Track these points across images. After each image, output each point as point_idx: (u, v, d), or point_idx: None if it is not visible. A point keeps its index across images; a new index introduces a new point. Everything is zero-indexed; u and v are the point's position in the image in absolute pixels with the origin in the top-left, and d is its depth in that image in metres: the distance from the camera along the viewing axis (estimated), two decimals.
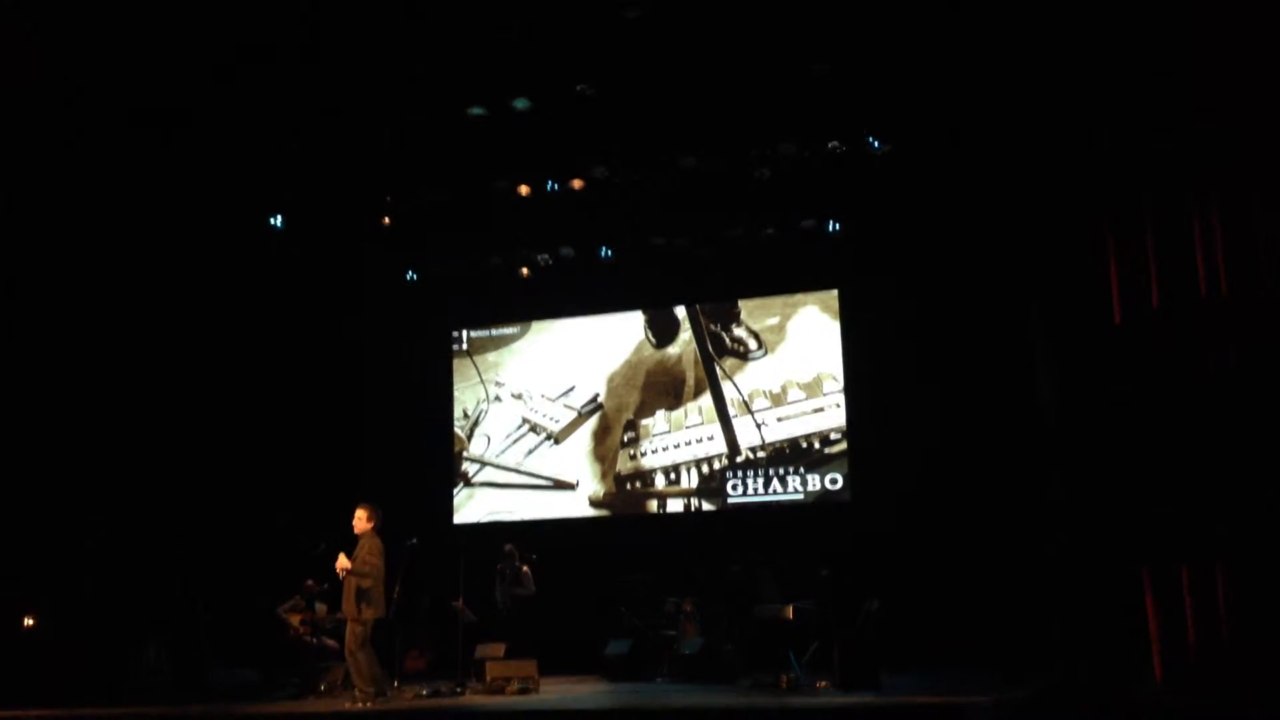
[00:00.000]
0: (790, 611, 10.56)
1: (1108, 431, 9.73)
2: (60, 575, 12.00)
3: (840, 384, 13.16)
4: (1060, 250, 10.32)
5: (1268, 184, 9.13)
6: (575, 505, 13.95)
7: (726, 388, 13.63)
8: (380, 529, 10.03)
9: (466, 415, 14.56)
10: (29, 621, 11.79)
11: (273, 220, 12.91)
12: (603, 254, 13.41)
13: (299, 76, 10.69)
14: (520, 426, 14.34)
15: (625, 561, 12.69)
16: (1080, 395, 10.01)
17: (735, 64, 10.59)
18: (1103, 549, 9.61)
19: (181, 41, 10.16)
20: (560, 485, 14.04)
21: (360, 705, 9.65)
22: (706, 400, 13.69)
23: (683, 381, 13.84)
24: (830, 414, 13.14)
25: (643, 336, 14.12)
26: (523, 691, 10.38)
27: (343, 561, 9.81)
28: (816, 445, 13.13)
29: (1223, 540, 9.04)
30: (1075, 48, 9.74)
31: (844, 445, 13.03)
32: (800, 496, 13.11)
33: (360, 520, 9.99)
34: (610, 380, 14.12)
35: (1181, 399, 9.35)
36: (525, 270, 13.75)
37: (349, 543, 10.01)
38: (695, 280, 13.72)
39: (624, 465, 13.85)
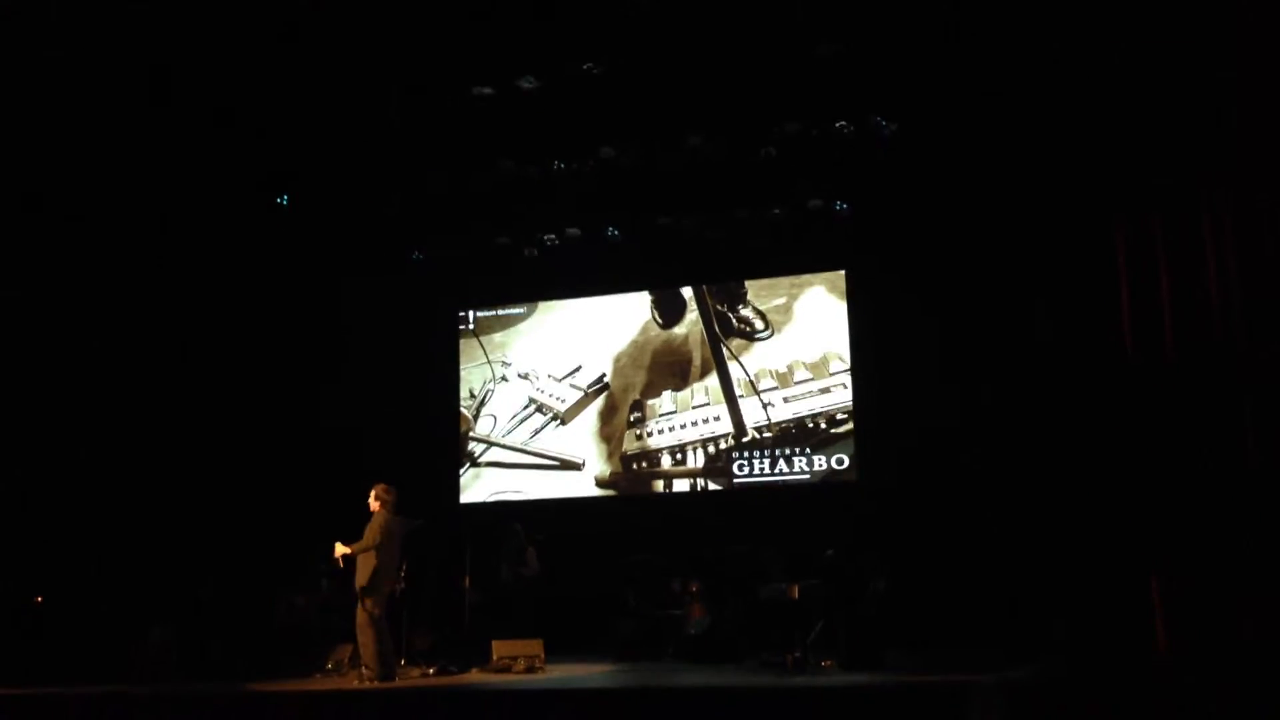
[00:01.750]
0: (796, 591, 10.57)
1: (1113, 414, 9.73)
2: (68, 555, 12.05)
3: (847, 364, 13.14)
4: (1068, 234, 10.30)
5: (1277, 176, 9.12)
6: (581, 485, 13.96)
7: (733, 368, 13.62)
8: (395, 507, 10.11)
9: (473, 395, 14.56)
10: (38, 600, 11.83)
11: (279, 199, 12.90)
12: (609, 234, 13.39)
13: (306, 54, 10.65)
14: (526, 406, 14.35)
15: (631, 541, 12.70)
16: (1086, 377, 10.00)
17: (742, 43, 10.53)
18: (1107, 529, 9.62)
19: (188, 18, 10.13)
20: (566, 465, 14.05)
21: (365, 684, 9.69)
22: (713, 380, 13.68)
23: (689, 362, 13.82)
24: (837, 394, 13.13)
25: (649, 317, 14.10)
26: (529, 671, 10.41)
27: (340, 549, 9.92)
28: (823, 425, 13.12)
29: (1227, 523, 9.05)
30: (1088, 30, 9.70)
31: (850, 426, 13.02)
32: (806, 477, 13.11)
33: (372, 499, 10.11)
34: (617, 360, 14.11)
35: (1186, 382, 9.35)
36: (532, 250, 13.72)
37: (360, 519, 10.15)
38: (702, 261, 13.68)
39: (630, 445, 13.85)
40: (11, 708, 9.40)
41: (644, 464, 13.78)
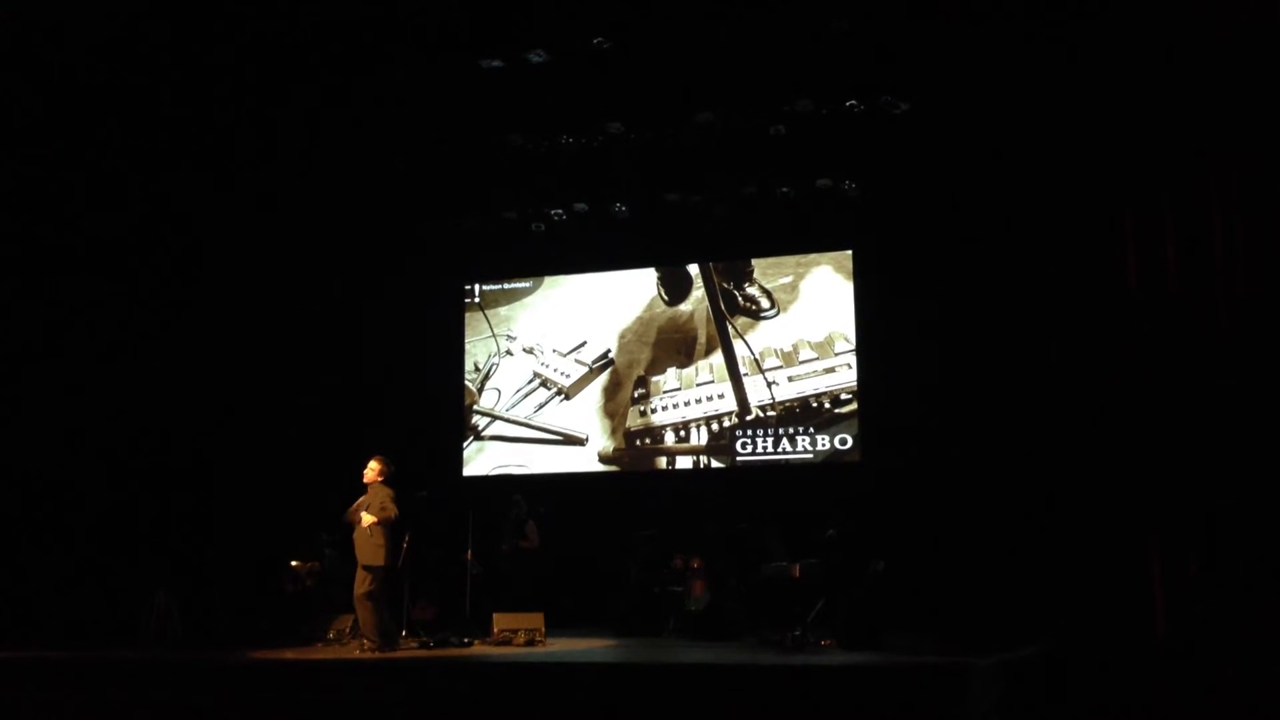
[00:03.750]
0: (797, 570, 10.60)
1: (1117, 396, 9.73)
2: (74, 520, 12.10)
3: (852, 344, 13.13)
4: (1076, 216, 10.27)
5: None
6: (585, 461, 13.98)
7: (738, 346, 13.61)
8: (392, 481, 10.14)
9: (477, 368, 14.57)
10: (45, 567, 11.90)
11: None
12: (616, 210, 13.36)
13: (312, 27, 10.61)
14: (531, 381, 14.36)
15: (633, 517, 12.72)
16: (1092, 360, 10.00)
17: (753, 19, 10.48)
18: (1108, 510, 9.64)
19: None
20: (570, 440, 14.07)
21: (366, 654, 9.74)
22: (718, 358, 13.68)
23: (694, 339, 13.82)
24: (841, 374, 13.13)
25: (655, 293, 14.09)
26: (530, 644, 10.45)
27: (367, 518, 9.93)
28: (827, 405, 13.12)
29: (1226, 503, 9.07)
30: (1100, 13, 9.65)
31: (854, 406, 13.02)
32: (809, 456, 13.12)
33: (373, 471, 10.13)
34: (622, 336, 14.11)
35: (1191, 365, 9.35)
36: (539, 225, 13.70)
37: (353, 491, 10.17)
38: (709, 238, 13.65)
39: (634, 421, 13.87)
40: (16, 671, 9.46)
41: (647, 440, 13.80)
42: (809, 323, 13.37)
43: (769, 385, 13.38)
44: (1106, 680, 8.79)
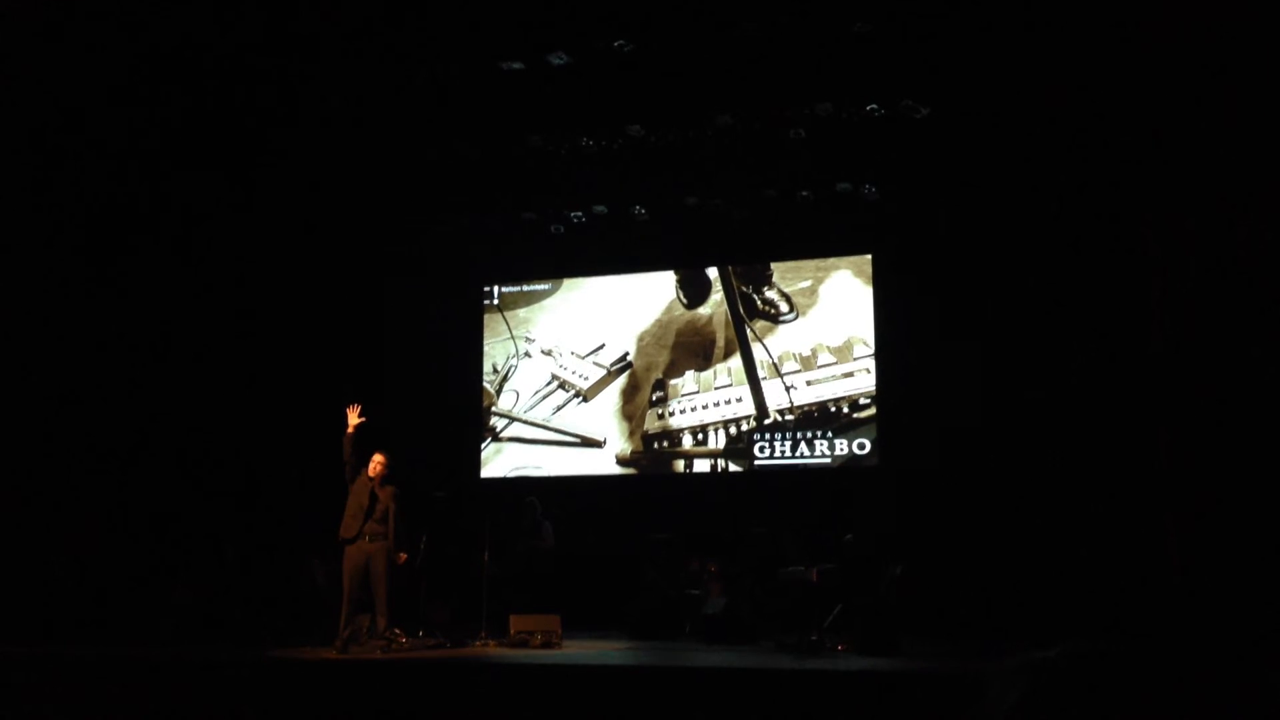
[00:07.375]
0: (814, 574, 10.58)
1: (1138, 398, 9.69)
2: (93, 516, 12.15)
3: (871, 349, 13.10)
4: (1097, 221, 10.24)
5: None
6: (602, 463, 13.98)
7: (756, 350, 13.59)
8: (393, 476, 10.24)
9: (496, 370, 14.59)
10: (60, 562, 11.94)
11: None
12: (636, 212, 13.37)
13: (332, 26, 10.64)
14: (549, 383, 14.37)
15: (650, 520, 12.71)
16: (1112, 364, 9.96)
17: (774, 22, 10.48)
18: (1132, 513, 9.59)
19: None
20: (587, 443, 14.07)
21: (391, 644, 9.84)
22: (736, 362, 13.66)
23: (713, 342, 13.81)
24: (860, 379, 13.10)
25: (674, 296, 14.08)
26: (546, 645, 10.45)
27: (403, 557, 10.16)
28: (845, 410, 13.09)
29: (1251, 503, 9.01)
30: (1121, 15, 9.61)
31: (872, 410, 12.99)
32: (827, 460, 13.09)
33: (381, 465, 10.19)
34: (640, 339, 14.11)
35: (1211, 363, 9.29)
36: (558, 227, 13.71)
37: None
38: (728, 241, 13.65)
39: (652, 424, 13.86)
40: (35, 667, 9.50)
41: (665, 443, 13.79)
42: (828, 327, 13.35)
43: (787, 389, 13.36)
44: (1127, 683, 8.74)
